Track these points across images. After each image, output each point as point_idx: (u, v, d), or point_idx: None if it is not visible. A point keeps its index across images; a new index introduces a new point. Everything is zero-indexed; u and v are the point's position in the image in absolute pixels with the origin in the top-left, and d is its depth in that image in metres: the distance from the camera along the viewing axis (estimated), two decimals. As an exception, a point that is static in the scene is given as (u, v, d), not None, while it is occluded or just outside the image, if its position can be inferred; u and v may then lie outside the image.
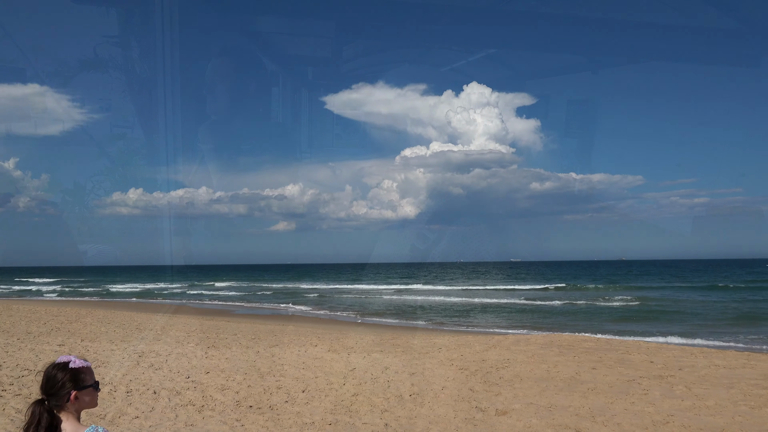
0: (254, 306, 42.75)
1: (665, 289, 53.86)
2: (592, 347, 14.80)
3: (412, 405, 8.79)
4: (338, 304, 42.25)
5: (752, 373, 11.44)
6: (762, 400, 9.07)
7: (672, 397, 9.36)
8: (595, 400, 9.14)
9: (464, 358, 13.24)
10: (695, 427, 7.60)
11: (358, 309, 38.05)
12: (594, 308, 35.73)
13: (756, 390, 9.81)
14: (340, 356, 13.52)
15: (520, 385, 10.27)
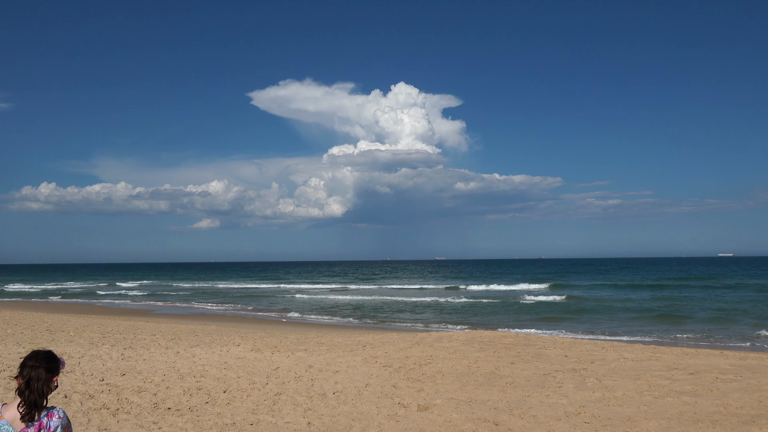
0: (175, 305, 41.48)
1: (581, 287, 56.16)
2: (512, 343, 15.28)
3: (336, 403, 8.80)
4: (263, 303, 41.66)
5: (657, 365, 12.15)
6: (665, 390, 9.65)
7: (584, 389, 9.81)
8: (512, 394, 9.45)
9: (388, 355, 13.37)
10: (604, 417, 7.99)
11: (284, 308, 37.66)
12: (515, 305, 36.88)
13: (660, 381, 10.43)
14: (264, 355, 13.35)
15: (442, 381, 10.48)
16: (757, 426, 7.46)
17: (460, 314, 32.07)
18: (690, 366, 11.97)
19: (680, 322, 26.14)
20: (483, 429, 7.46)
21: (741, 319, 26.56)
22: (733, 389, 9.69)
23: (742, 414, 8.09)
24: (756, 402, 8.78)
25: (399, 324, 27.87)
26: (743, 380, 10.42)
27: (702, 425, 7.53)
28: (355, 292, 53.05)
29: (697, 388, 9.81)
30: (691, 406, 8.59)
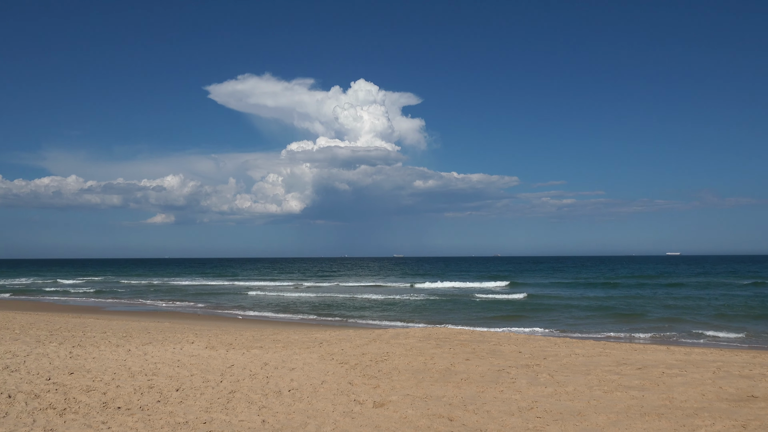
0: (127, 302, 40.55)
1: (538, 285, 57.17)
2: (467, 339, 15.46)
3: (291, 400, 8.75)
4: (219, 300, 41.11)
5: (607, 360, 12.48)
6: (614, 385, 9.91)
7: (537, 384, 9.99)
8: (467, 390, 9.56)
9: (345, 352, 13.35)
10: (556, 412, 8.16)
11: (240, 305, 37.22)
12: (473, 302, 37.33)
13: (609, 375, 10.71)
14: (218, 353, 13.17)
15: (398, 377, 10.53)
16: (700, 418, 7.73)
17: (418, 311, 32.29)
18: (638, 361, 12.33)
19: (632, 319, 26.91)
20: (438, 425, 7.52)
21: (688, 317, 27.51)
22: (678, 383, 10.02)
23: (686, 407, 8.37)
24: (699, 395, 9.10)
25: (356, 321, 27.89)
26: (688, 375, 10.78)
27: (648, 418, 7.76)
28: (313, 289, 52.84)
29: (644, 382, 10.11)
30: (638, 400, 8.84)
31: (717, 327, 23.68)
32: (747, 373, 10.94)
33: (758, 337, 21.19)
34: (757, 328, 23.67)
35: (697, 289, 47.05)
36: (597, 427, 7.38)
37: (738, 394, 9.23)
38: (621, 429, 7.28)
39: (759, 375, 10.79)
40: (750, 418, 7.76)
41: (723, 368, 11.49)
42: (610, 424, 7.54)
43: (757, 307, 31.22)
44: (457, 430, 7.30)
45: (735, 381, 10.22)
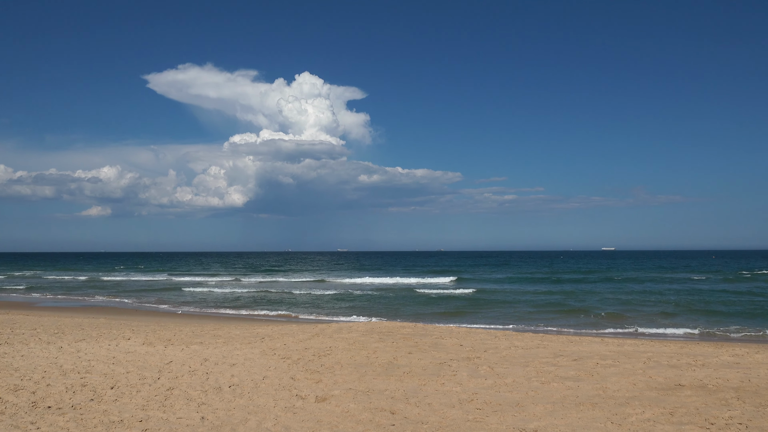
0: (60, 298, 39.01)
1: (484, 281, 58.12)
2: (410, 333, 15.58)
3: (231, 396, 8.62)
4: (157, 295, 40.03)
5: (545, 352, 12.82)
6: (551, 376, 10.19)
7: (477, 376, 10.17)
8: (409, 383, 9.64)
9: (287, 347, 13.24)
10: (495, 403, 8.33)
11: (180, 300, 36.37)
12: (418, 297, 37.65)
13: (547, 367, 11.01)
14: (156, 349, 12.82)
15: (341, 372, 10.51)
16: (631, 407, 8.04)
17: (363, 307, 32.34)
18: (574, 353, 12.72)
19: (573, 313, 27.72)
20: (380, 418, 7.56)
21: (626, 310, 28.57)
22: (611, 374, 10.39)
23: (619, 396, 8.69)
24: (630, 385, 9.46)
25: (299, 316, 27.70)
26: (620, 365, 11.20)
27: (583, 408, 8.02)
28: (256, 284, 52.16)
29: (579, 373, 10.44)
30: (574, 390, 9.12)
31: (651, 319, 24.70)
32: (675, 363, 11.45)
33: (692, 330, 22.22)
34: (690, 321, 24.80)
35: (635, 283, 48.95)
36: (534, 417, 7.57)
37: (666, 383, 9.65)
38: (557, 418, 7.50)
39: (686, 365, 11.31)
40: (677, 405, 8.13)
41: (653, 359, 11.99)
42: (546, 413, 7.75)
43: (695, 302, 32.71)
44: (399, 423, 7.36)
45: (664, 371, 10.68)
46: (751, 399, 8.47)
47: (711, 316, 25.84)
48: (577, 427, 7.10)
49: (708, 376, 10.18)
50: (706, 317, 25.56)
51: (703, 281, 50.49)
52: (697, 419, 7.39)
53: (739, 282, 48.95)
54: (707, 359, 11.98)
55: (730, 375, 10.25)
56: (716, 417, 7.47)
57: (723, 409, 7.87)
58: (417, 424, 7.30)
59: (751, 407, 7.99)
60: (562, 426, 7.14)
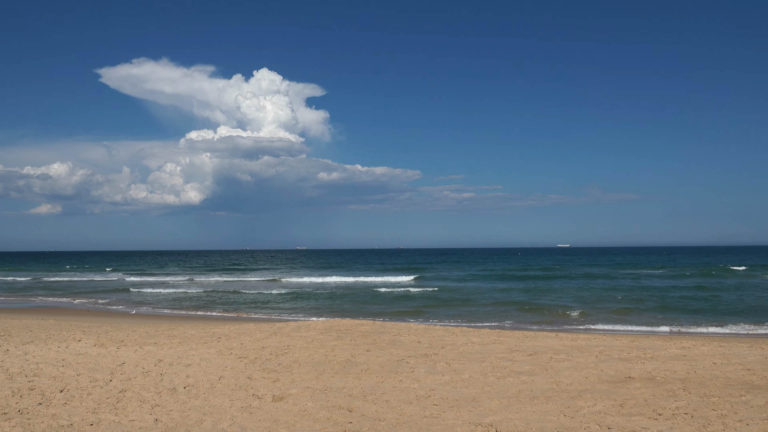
0: (7, 298, 37.67)
1: (446, 279, 58.54)
2: (368, 331, 15.61)
3: (186, 397, 8.48)
4: (110, 295, 39.06)
5: (500, 348, 13.01)
6: (506, 371, 10.36)
7: (434, 373, 10.26)
8: (367, 381, 9.66)
9: (244, 346, 13.10)
10: (452, 399, 8.42)
11: (133, 299, 35.57)
12: (377, 295, 37.71)
13: (502, 362, 11.18)
14: (108, 350, 12.52)
15: (298, 371, 10.46)
16: (583, 400, 8.24)
17: (322, 304, 32.23)
18: (529, 348, 12.95)
19: (531, 309, 28.20)
20: (337, 416, 7.55)
21: (580, 305, 29.23)
22: (564, 368, 10.62)
23: (571, 390, 8.89)
24: (583, 378, 9.70)
25: (257, 315, 27.44)
26: (573, 359, 11.46)
27: (537, 401, 8.17)
28: (213, 283, 51.41)
29: (534, 368, 10.64)
30: (528, 384, 9.29)
31: (604, 314, 25.35)
32: (625, 356, 11.78)
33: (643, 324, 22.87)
34: (641, 315, 25.54)
35: (590, 279, 50.11)
36: (490, 412, 7.68)
37: (617, 375, 9.92)
38: (512, 412, 7.63)
39: (635, 358, 11.65)
40: (627, 397, 8.36)
41: (605, 352, 12.30)
42: (502, 408, 7.87)
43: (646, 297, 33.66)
44: (356, 420, 7.36)
45: (615, 364, 10.98)
46: (697, 390, 8.78)
47: (661, 311, 26.67)
48: (531, 420, 7.24)
49: (656, 368, 10.51)
50: (656, 312, 26.37)
51: (654, 277, 52.05)
52: (646, 410, 7.62)
53: (688, 277, 50.64)
54: (656, 352, 12.36)
55: (677, 367, 10.61)
56: (664, 407, 7.71)
57: (670, 400, 8.13)
58: (374, 421, 7.32)
59: (697, 397, 8.28)
60: (516, 420, 7.26)
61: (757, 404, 7.81)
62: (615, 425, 6.93)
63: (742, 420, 7.04)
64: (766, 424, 6.86)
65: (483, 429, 6.90)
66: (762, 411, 7.44)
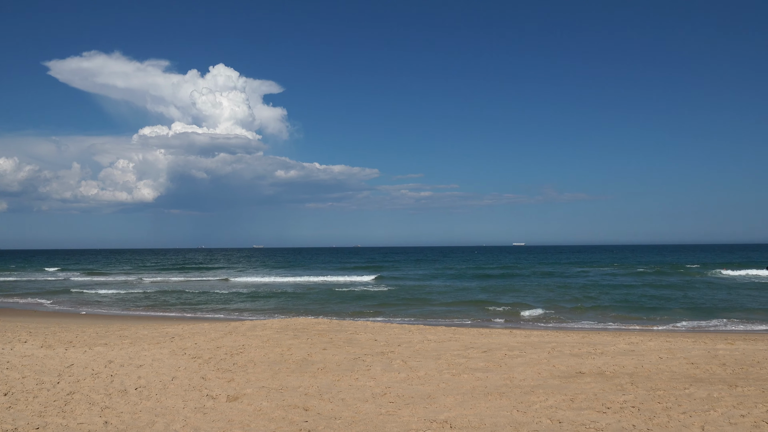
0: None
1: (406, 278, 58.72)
2: (325, 329, 15.57)
3: (138, 399, 8.31)
4: (59, 295, 37.88)
5: (456, 345, 13.16)
6: (461, 368, 10.49)
7: (391, 370, 10.31)
8: (323, 379, 9.64)
9: (198, 346, 12.90)
10: (407, 396, 8.48)
11: (84, 299, 34.59)
12: (335, 294, 37.60)
13: (458, 360, 11.31)
14: (56, 352, 12.15)
15: (254, 370, 10.37)
16: (536, 395, 8.41)
17: (279, 303, 31.98)
18: (484, 345, 13.14)
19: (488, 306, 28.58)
20: (293, 415, 7.52)
21: (535, 302, 29.77)
22: (518, 364, 10.82)
23: (524, 385, 9.07)
24: (536, 374, 9.89)
25: (212, 314, 27.04)
26: (526, 355, 11.68)
27: (491, 397, 8.31)
28: (167, 282, 50.40)
29: (488, 364, 10.80)
30: (482, 381, 9.43)
31: (558, 311, 25.90)
32: (576, 352, 12.06)
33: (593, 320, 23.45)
34: (592, 312, 26.18)
35: (544, 276, 51.10)
36: (445, 408, 7.77)
37: (568, 371, 10.16)
38: (466, 409, 7.73)
39: (586, 353, 11.94)
40: (577, 392, 8.57)
41: (557, 348, 12.58)
42: (456, 404, 7.97)
43: (597, 294, 34.49)
44: (312, 419, 7.35)
45: (566, 359, 11.23)
46: (644, 383, 9.06)
47: (611, 308, 27.41)
48: (485, 416, 7.35)
49: (606, 363, 10.80)
50: (607, 308, 27.10)
51: (605, 275, 53.43)
52: (595, 404, 7.83)
53: (638, 275, 52.15)
54: (606, 347, 12.70)
55: (625, 362, 10.92)
56: (612, 401, 7.94)
57: (618, 394, 8.38)
58: (330, 419, 7.32)
59: (644, 391, 8.55)
60: (470, 416, 7.37)
61: (699, 396, 8.11)
62: (566, 419, 7.10)
63: (685, 412, 7.30)
64: (707, 415, 7.13)
65: (438, 425, 6.97)
66: (704, 403, 7.74)
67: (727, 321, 22.60)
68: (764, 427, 6.61)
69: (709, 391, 8.46)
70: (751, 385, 8.84)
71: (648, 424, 6.85)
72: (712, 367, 10.36)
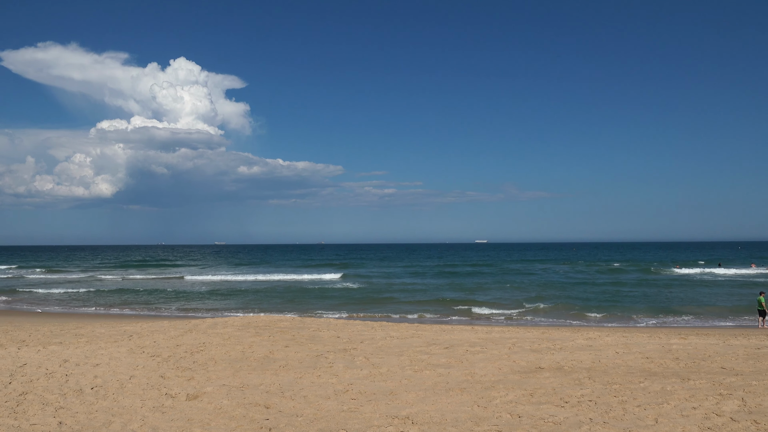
0: None
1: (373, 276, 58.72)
2: (287, 327, 15.47)
3: (94, 398, 8.12)
4: (12, 294, 36.72)
5: (418, 341, 13.23)
6: (424, 364, 10.55)
7: (353, 367, 10.31)
8: (285, 377, 9.58)
9: (157, 344, 12.67)
10: (369, 393, 8.49)
11: (38, 297, 33.61)
12: (298, 290, 37.38)
13: (420, 356, 11.38)
14: (8, 351, 11.78)
15: (214, 368, 10.24)
16: (496, 390, 8.52)
17: (241, 301, 31.64)
18: (446, 341, 13.24)
19: (450, 304, 28.80)
20: (254, 413, 7.45)
21: (497, 298, 30.13)
22: (479, 359, 10.94)
23: (485, 381, 9.17)
24: (496, 369, 10.02)
25: (172, 312, 26.60)
26: (487, 351, 11.82)
27: (452, 393, 8.38)
28: (126, 280, 49.34)
29: (450, 360, 10.89)
30: (444, 376, 9.51)
31: (520, 307, 26.27)
32: (536, 348, 12.27)
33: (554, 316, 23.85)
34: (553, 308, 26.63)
35: (507, 273, 51.76)
36: (407, 404, 7.81)
37: (528, 366, 10.32)
38: (428, 404, 7.78)
39: (545, 349, 12.15)
40: (537, 386, 8.72)
41: (517, 344, 12.76)
42: (418, 400, 8.02)
43: (557, 291, 35.09)
44: (273, 417, 7.29)
45: (526, 355, 11.41)
46: (601, 378, 9.27)
47: (570, 304, 27.94)
48: (447, 411, 7.41)
49: (564, 358, 11.01)
50: (567, 304, 27.61)
51: (565, 272, 54.44)
52: (554, 398, 7.97)
53: (597, 273, 53.28)
54: (564, 343, 12.94)
55: (583, 357, 11.15)
56: (570, 395, 8.10)
57: (576, 388, 8.55)
58: (291, 417, 7.28)
59: (600, 385, 8.74)
60: (432, 411, 7.42)
61: (653, 390, 8.34)
62: (525, 414, 7.21)
63: (640, 405, 7.50)
64: (661, 408, 7.34)
65: (399, 422, 7.00)
66: (658, 396, 7.96)
67: (681, 316, 23.29)
68: (714, 418, 6.84)
69: (663, 384, 8.70)
70: (703, 378, 9.12)
71: (604, 417, 7.00)
72: (666, 361, 10.66)
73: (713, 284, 38.95)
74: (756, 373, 9.55)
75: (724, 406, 7.33)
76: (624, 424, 6.72)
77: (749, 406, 7.32)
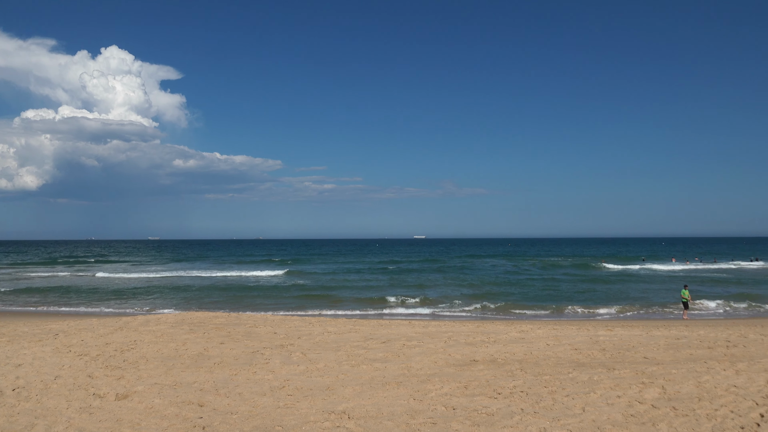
0: None
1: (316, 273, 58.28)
2: (223, 323, 15.21)
3: (15, 400, 7.75)
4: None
5: (356, 336, 13.27)
6: (361, 359, 10.59)
7: (290, 363, 10.24)
8: (220, 374, 9.42)
9: (85, 343, 12.21)
10: (306, 388, 8.46)
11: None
12: (240, 286, 36.75)
13: (357, 351, 11.41)
14: None
15: (146, 366, 9.96)
16: (432, 383, 8.65)
17: (175, 298, 30.85)
18: (383, 336, 13.34)
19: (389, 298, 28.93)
20: (187, 411, 7.30)
21: (435, 293, 30.50)
22: (415, 353, 11.07)
23: (421, 374, 9.30)
24: (432, 363, 10.18)
25: (101, 309, 25.67)
26: (424, 345, 11.98)
27: (389, 387, 8.46)
28: (52, 277, 47.23)
29: (387, 354, 10.98)
30: (381, 371, 9.58)
31: (455, 301, 26.71)
32: (471, 341, 12.52)
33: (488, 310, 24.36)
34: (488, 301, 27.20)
35: (447, 269, 52.53)
36: (343, 399, 7.82)
37: (463, 359, 10.52)
38: (364, 399, 7.82)
39: (480, 342, 12.42)
40: (471, 379, 8.91)
41: (453, 338, 12.99)
42: (355, 395, 8.05)
43: (492, 286, 35.82)
44: (207, 415, 7.16)
45: (461, 348, 11.63)
46: (532, 369, 9.56)
47: (505, 297, 28.63)
48: (383, 405, 7.47)
49: (498, 351, 11.29)
50: (502, 298, 28.27)
51: (501, 266, 55.72)
52: (487, 390, 8.17)
53: (531, 267, 54.78)
54: (498, 336, 13.26)
55: (516, 349, 11.47)
56: (503, 387, 8.32)
57: (509, 380, 8.79)
58: (226, 414, 7.17)
59: (531, 376, 9.02)
60: (368, 406, 7.46)
61: (581, 380, 8.67)
62: (459, 406, 7.36)
63: (569, 395, 7.78)
64: (588, 397, 7.64)
65: (336, 416, 7.01)
66: (585, 386, 8.28)
67: (610, 309, 24.26)
68: (637, 406, 7.17)
69: (590, 374, 9.05)
70: (627, 367, 9.55)
71: (535, 407, 7.23)
72: (594, 352, 11.09)
73: (640, 279, 40.76)
74: (675, 362, 10.08)
75: (646, 394, 7.71)
76: (553, 413, 6.96)
77: (668, 393, 7.72)
